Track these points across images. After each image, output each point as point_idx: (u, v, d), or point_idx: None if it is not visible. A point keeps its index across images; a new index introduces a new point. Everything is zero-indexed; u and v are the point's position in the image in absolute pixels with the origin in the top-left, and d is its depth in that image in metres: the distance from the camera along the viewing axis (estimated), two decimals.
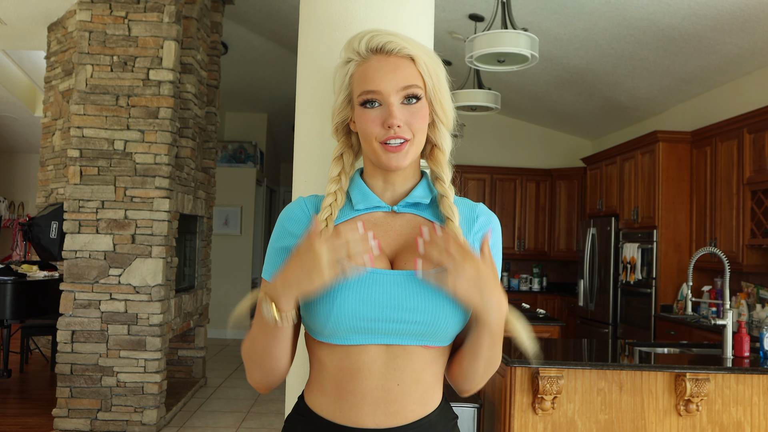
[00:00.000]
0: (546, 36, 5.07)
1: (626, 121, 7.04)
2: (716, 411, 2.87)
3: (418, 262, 1.06)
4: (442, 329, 1.09)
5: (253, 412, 5.10)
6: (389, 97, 1.12)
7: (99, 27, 4.46)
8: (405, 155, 1.13)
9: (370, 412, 1.09)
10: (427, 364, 1.12)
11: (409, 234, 1.16)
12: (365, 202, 1.17)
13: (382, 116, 1.12)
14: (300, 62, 1.68)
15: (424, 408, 1.12)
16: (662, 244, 5.48)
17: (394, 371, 1.09)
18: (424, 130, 1.16)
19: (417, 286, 1.08)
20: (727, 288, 3.11)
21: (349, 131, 1.23)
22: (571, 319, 7.33)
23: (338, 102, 1.20)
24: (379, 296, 1.07)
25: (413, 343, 1.09)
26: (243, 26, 6.49)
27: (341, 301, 1.06)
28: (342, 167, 1.21)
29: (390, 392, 1.09)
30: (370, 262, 1.04)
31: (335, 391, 1.11)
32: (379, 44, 1.14)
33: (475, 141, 7.94)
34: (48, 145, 5.80)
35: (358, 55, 1.15)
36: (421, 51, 1.15)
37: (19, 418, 4.71)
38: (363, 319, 1.07)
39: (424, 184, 1.21)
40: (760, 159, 4.54)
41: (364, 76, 1.14)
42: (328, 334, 1.09)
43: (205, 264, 5.96)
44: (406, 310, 1.07)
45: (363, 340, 1.08)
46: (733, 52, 4.79)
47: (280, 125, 9.67)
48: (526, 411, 2.85)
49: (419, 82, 1.14)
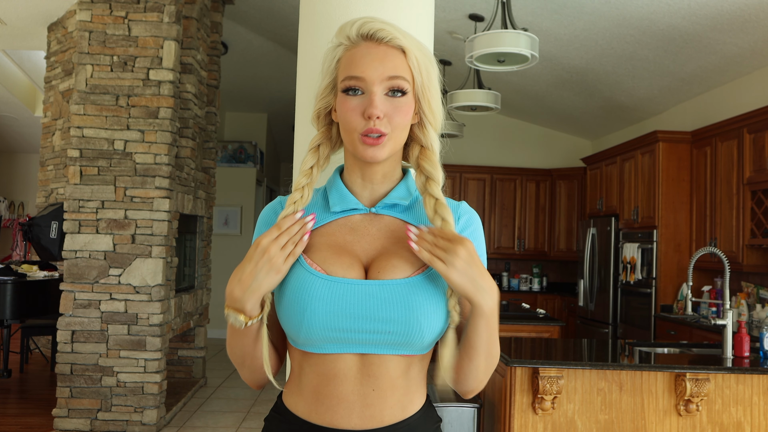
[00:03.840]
0: (546, 36, 5.07)
1: (626, 121, 7.04)
2: (716, 411, 2.87)
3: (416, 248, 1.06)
4: (417, 339, 1.06)
5: (253, 412, 5.10)
6: (372, 86, 1.08)
7: (99, 27, 4.46)
8: (382, 148, 1.08)
9: (346, 415, 1.08)
10: (404, 371, 1.10)
11: (386, 239, 1.13)
12: (342, 204, 1.14)
13: (363, 105, 1.08)
14: (300, 62, 1.68)
15: (403, 412, 1.11)
16: (662, 244, 5.48)
17: (369, 377, 1.08)
18: (405, 127, 1.11)
19: (391, 296, 1.06)
20: (727, 288, 3.11)
21: (331, 121, 1.18)
22: (571, 319, 7.33)
23: (322, 86, 1.15)
24: (350, 307, 1.05)
25: (388, 352, 1.07)
26: (243, 26, 6.49)
27: (311, 312, 1.04)
28: (317, 160, 1.17)
29: (366, 397, 1.08)
30: (304, 243, 1.08)
31: (312, 394, 1.10)
32: (370, 30, 1.10)
33: (475, 141, 7.94)
34: (48, 145, 5.80)
35: (348, 39, 1.11)
36: (413, 45, 1.11)
37: (19, 418, 4.71)
38: (334, 330, 1.05)
39: (403, 185, 1.17)
40: (760, 159, 4.54)
41: (350, 62, 1.10)
42: (301, 343, 1.08)
43: (205, 264, 5.96)
44: (380, 321, 1.05)
45: (337, 349, 1.07)
46: (733, 52, 4.79)
47: (280, 125, 9.68)
48: (526, 411, 2.85)
49: (407, 76, 1.10)
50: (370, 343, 1.06)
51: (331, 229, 1.14)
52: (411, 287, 1.07)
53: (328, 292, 1.05)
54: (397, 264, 1.09)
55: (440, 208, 1.11)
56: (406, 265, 1.09)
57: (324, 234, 1.14)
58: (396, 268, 1.08)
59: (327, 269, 1.08)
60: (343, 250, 1.11)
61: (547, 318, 4.79)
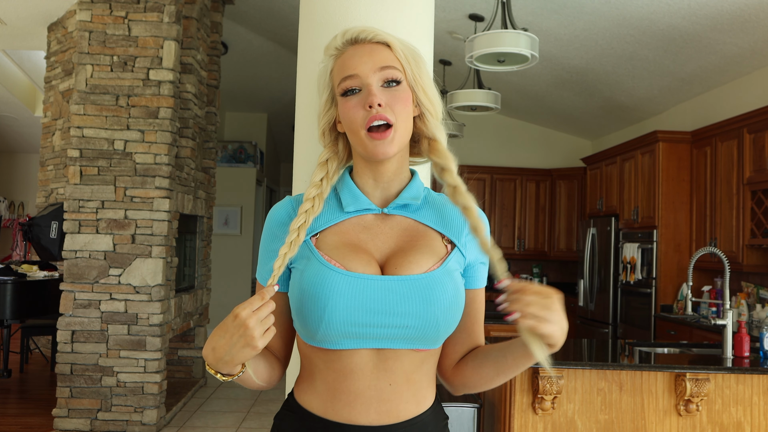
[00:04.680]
0: (546, 36, 5.07)
1: (626, 121, 7.04)
2: (716, 411, 2.87)
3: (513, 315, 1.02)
4: (432, 334, 1.08)
5: (253, 412, 5.10)
6: (367, 78, 1.11)
7: (99, 27, 4.46)
8: (391, 142, 1.10)
9: (363, 411, 1.09)
10: (418, 365, 1.12)
11: (399, 237, 1.15)
12: (355, 204, 1.16)
13: (362, 100, 1.10)
14: (300, 62, 1.68)
15: (417, 407, 1.12)
16: (662, 244, 5.48)
17: (385, 372, 1.09)
18: (408, 117, 1.13)
19: (407, 291, 1.07)
20: (727, 288, 3.11)
21: (337, 136, 1.21)
22: (571, 319, 7.31)
23: (322, 102, 1.19)
24: (369, 302, 1.06)
25: (404, 346, 1.09)
26: (243, 26, 6.49)
27: (332, 309, 1.05)
28: (326, 173, 1.18)
29: (382, 392, 1.09)
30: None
31: (327, 391, 1.11)
32: (353, 35, 1.14)
33: (475, 141, 7.94)
34: (48, 145, 5.80)
35: (336, 50, 1.16)
36: (396, 39, 1.15)
37: (19, 418, 4.71)
38: (354, 325, 1.06)
39: (414, 185, 1.19)
40: (760, 159, 4.54)
41: (341, 66, 1.14)
42: (319, 339, 1.08)
43: (205, 264, 5.96)
44: (397, 315, 1.06)
45: (354, 345, 1.08)
46: (733, 52, 4.79)
47: (280, 125, 9.67)
48: (526, 411, 2.85)
49: (397, 65, 1.13)
50: (386, 338, 1.07)
51: (344, 227, 1.16)
52: (429, 282, 1.09)
53: (348, 288, 1.07)
54: (414, 260, 1.11)
55: (459, 196, 1.16)
56: (423, 260, 1.11)
57: (337, 232, 1.15)
58: (413, 264, 1.10)
59: (345, 265, 1.09)
60: (358, 248, 1.12)
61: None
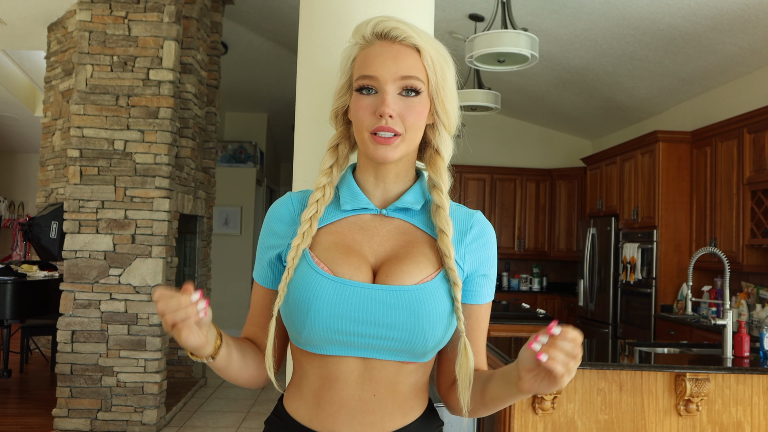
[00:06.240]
0: (546, 36, 5.07)
1: (626, 121, 7.04)
2: (716, 411, 2.87)
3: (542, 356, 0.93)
4: (420, 347, 1.05)
5: (253, 412, 5.10)
6: (385, 85, 1.06)
7: (99, 27, 4.46)
8: (394, 149, 1.07)
9: (347, 422, 1.07)
10: (405, 378, 1.08)
11: (395, 241, 1.11)
12: (353, 203, 1.12)
13: (375, 104, 1.07)
14: (300, 62, 1.68)
15: (404, 419, 1.09)
16: (662, 244, 5.48)
17: (370, 382, 1.06)
18: (420, 128, 1.10)
19: (397, 302, 1.04)
20: (727, 288, 3.11)
21: (349, 120, 1.16)
22: (571, 319, 7.33)
23: (339, 85, 1.15)
24: (354, 311, 1.03)
25: (390, 358, 1.06)
26: (243, 26, 6.49)
27: (315, 313, 1.03)
28: (336, 159, 1.16)
29: (367, 403, 1.06)
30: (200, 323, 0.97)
31: (313, 399, 1.09)
32: (384, 29, 1.09)
33: (475, 141, 7.94)
34: (48, 145, 5.80)
35: (363, 39, 1.10)
36: (429, 44, 1.09)
37: (19, 418, 4.71)
38: (337, 332, 1.03)
39: (417, 188, 1.15)
40: (760, 159, 4.54)
41: (364, 61, 1.09)
42: (304, 342, 1.07)
43: (205, 264, 5.96)
44: (383, 326, 1.03)
45: (339, 352, 1.05)
46: (733, 52, 4.79)
47: (280, 125, 9.67)
48: (526, 411, 2.85)
49: (421, 76, 1.08)
50: (372, 347, 1.05)
51: (340, 227, 1.13)
52: (419, 294, 1.05)
53: (334, 294, 1.04)
54: (407, 269, 1.07)
55: (439, 217, 1.11)
56: (415, 270, 1.07)
57: (332, 232, 1.12)
58: (405, 274, 1.06)
59: (334, 269, 1.06)
60: (352, 250, 1.09)
61: (547, 318, 4.79)
